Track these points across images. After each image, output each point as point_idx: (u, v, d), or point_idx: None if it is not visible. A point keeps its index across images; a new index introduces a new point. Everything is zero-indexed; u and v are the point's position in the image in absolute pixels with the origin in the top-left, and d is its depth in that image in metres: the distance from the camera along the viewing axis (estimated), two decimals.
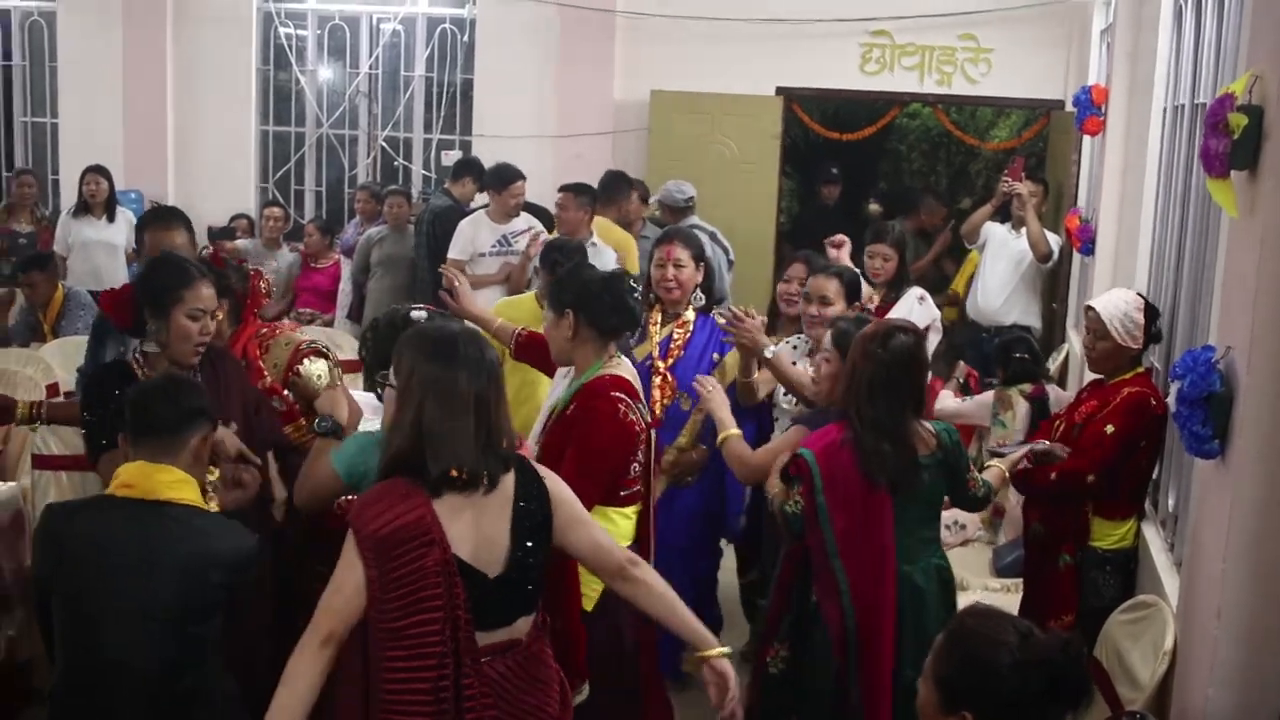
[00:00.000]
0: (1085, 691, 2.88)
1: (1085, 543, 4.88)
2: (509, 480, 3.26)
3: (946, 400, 7.14)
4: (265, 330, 4.99)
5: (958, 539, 6.57)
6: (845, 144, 11.67)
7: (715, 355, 5.66)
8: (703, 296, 5.81)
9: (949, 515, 6.63)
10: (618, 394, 4.33)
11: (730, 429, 4.78)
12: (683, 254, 5.70)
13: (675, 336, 5.66)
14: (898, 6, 10.30)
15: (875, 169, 14.92)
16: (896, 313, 6.35)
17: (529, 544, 3.27)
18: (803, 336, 5.63)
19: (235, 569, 3.57)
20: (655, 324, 5.71)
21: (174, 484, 3.57)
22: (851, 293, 5.45)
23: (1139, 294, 5.21)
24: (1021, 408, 6.70)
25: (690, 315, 5.73)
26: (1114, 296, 5.09)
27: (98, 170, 10.08)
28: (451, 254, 8.31)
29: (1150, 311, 4.98)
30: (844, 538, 4.13)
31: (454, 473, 3.13)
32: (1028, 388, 6.78)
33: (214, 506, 3.87)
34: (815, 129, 11.48)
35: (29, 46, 12.63)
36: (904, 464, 4.17)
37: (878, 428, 4.12)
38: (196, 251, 5.14)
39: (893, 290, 6.57)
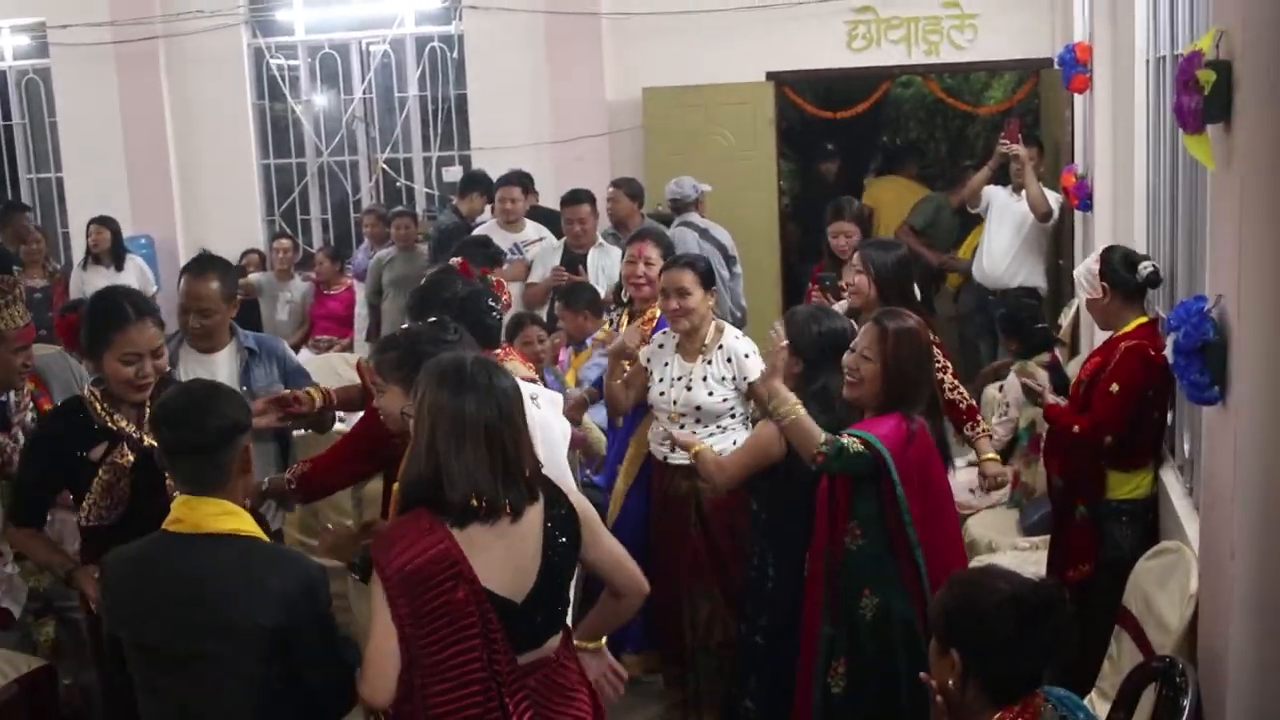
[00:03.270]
0: (1062, 637, 3.04)
1: (1100, 495, 4.98)
2: (536, 507, 3.28)
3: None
4: None
5: (984, 503, 6.65)
6: (841, 122, 11.71)
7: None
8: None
9: (971, 480, 6.73)
10: None
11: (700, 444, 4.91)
12: (652, 252, 6.04)
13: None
14: None
15: (874, 142, 14.96)
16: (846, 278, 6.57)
17: (557, 568, 3.32)
18: (667, 331, 5.62)
19: (296, 603, 3.28)
20: (624, 323, 6.08)
21: (221, 516, 3.35)
22: (707, 281, 5.46)
23: (1109, 247, 5.32)
24: (1041, 377, 6.72)
25: (657, 312, 5.89)
26: (1088, 258, 5.27)
27: (100, 221, 10.29)
28: None
29: (1125, 260, 5.06)
30: (921, 527, 4.23)
31: (474, 501, 3.15)
32: (1045, 357, 6.78)
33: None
34: (809, 110, 11.53)
35: (27, 104, 12.80)
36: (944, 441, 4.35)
37: (932, 414, 4.27)
38: (233, 299, 5.10)
39: None
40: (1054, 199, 8.74)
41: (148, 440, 4.19)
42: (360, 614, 4.67)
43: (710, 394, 5.36)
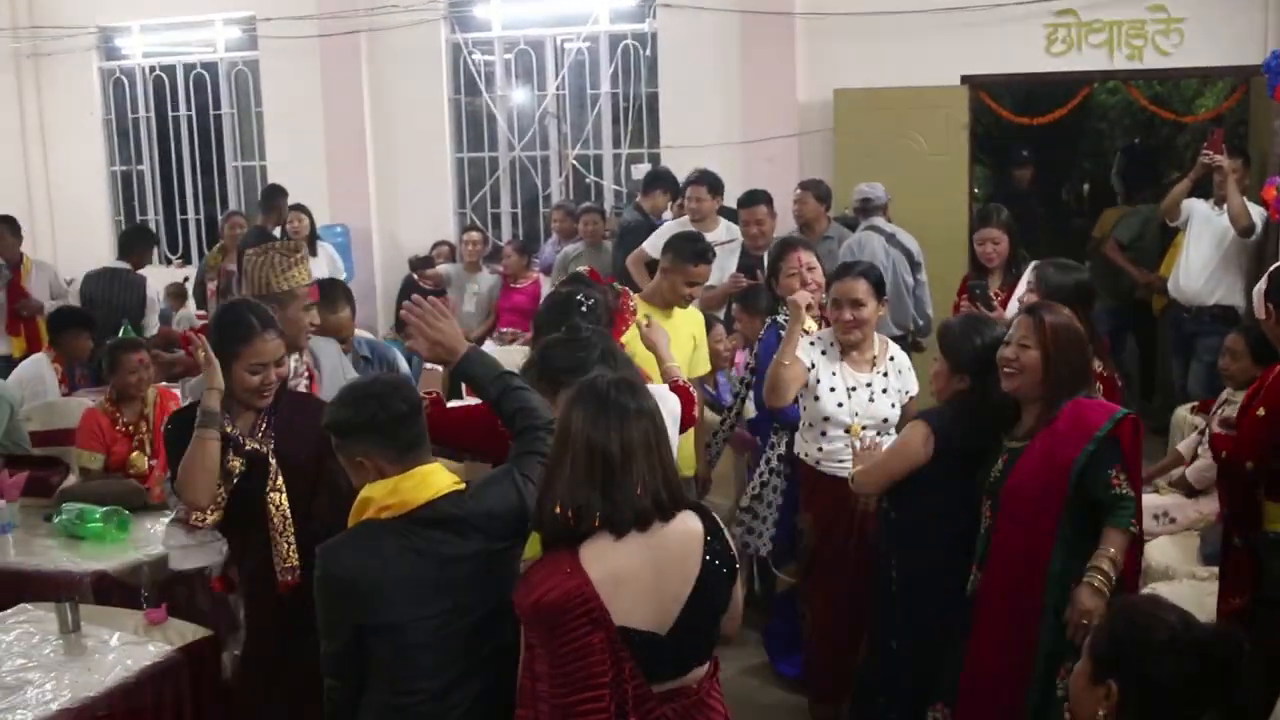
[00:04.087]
0: (1235, 687, 2.83)
1: (1258, 526, 4.69)
2: (695, 538, 3.23)
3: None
4: None
5: (1164, 530, 6.40)
6: (1038, 127, 11.43)
7: None
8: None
9: (1158, 505, 6.49)
10: None
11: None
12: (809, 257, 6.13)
13: None
14: None
15: (1073, 149, 14.58)
16: (1019, 292, 6.37)
17: (711, 601, 3.27)
18: (822, 337, 5.53)
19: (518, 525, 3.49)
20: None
21: (422, 484, 3.42)
22: (880, 291, 5.39)
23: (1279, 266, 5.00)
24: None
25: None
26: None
27: (299, 208, 10.55)
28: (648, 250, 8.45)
29: None
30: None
31: (560, 511, 3.13)
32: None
33: None
34: (1004, 115, 11.26)
35: (236, 95, 13.24)
36: None
37: None
38: (351, 322, 5.49)
39: (1008, 273, 6.62)
40: (1257, 213, 8.38)
41: (252, 445, 4.37)
42: None
43: (893, 405, 5.35)
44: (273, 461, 4.35)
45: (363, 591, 3.30)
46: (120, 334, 7.98)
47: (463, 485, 3.49)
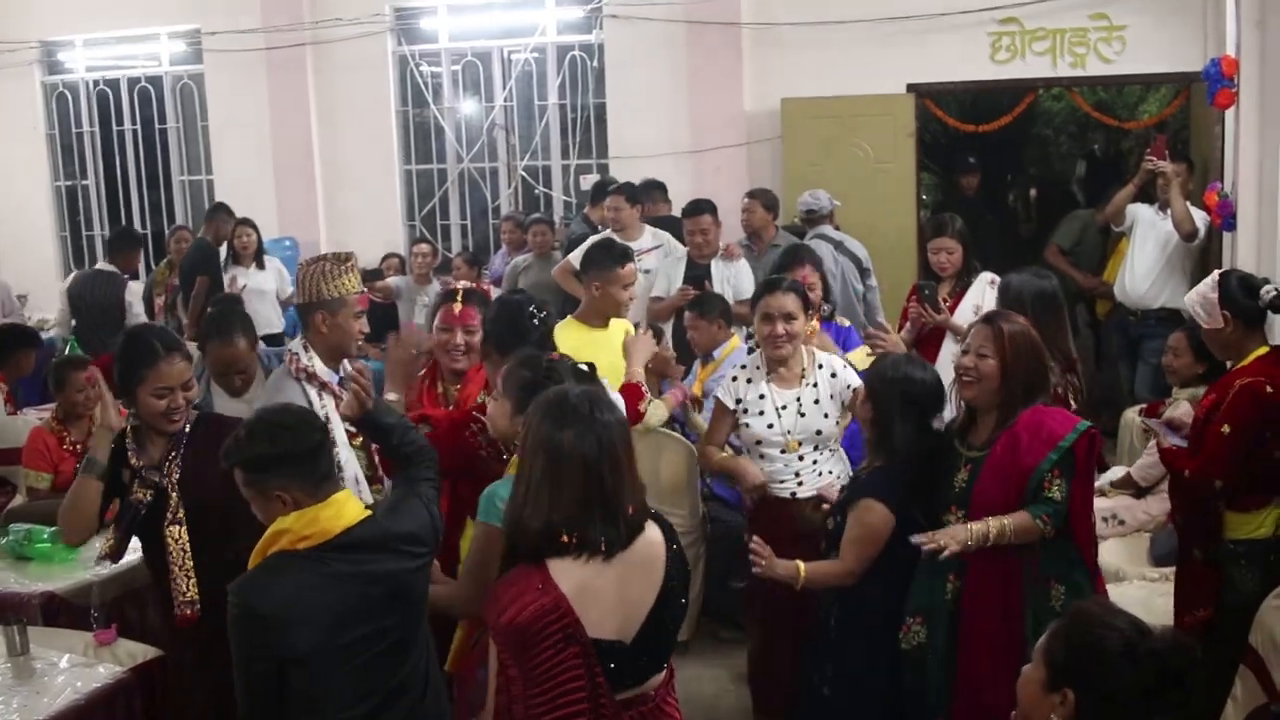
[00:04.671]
0: (1189, 695, 2.85)
1: (1218, 537, 4.74)
2: (658, 547, 3.24)
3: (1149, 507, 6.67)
4: None
5: (1113, 532, 6.46)
6: (984, 134, 11.48)
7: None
8: (828, 306, 5.96)
9: (1106, 508, 6.55)
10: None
11: None
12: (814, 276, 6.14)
13: None
14: None
15: (1019, 156, 14.68)
16: (968, 300, 6.57)
17: (670, 608, 3.28)
18: (745, 365, 5.48)
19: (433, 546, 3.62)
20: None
21: (340, 512, 3.42)
22: (807, 304, 5.36)
23: (1225, 272, 5.04)
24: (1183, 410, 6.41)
25: (815, 325, 5.83)
26: (1201, 284, 4.97)
27: (246, 222, 10.50)
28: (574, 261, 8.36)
29: (1244, 285, 4.80)
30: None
31: (564, 538, 3.11)
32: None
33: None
34: (950, 123, 11.32)
35: (181, 109, 13.15)
36: None
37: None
38: (255, 340, 5.45)
39: (959, 280, 6.68)
40: (1200, 218, 8.46)
41: (153, 478, 4.35)
42: None
43: (826, 415, 5.24)
44: (173, 495, 4.30)
45: (285, 623, 3.24)
46: (68, 351, 7.91)
47: (369, 512, 3.52)
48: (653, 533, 3.26)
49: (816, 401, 5.24)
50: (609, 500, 3.15)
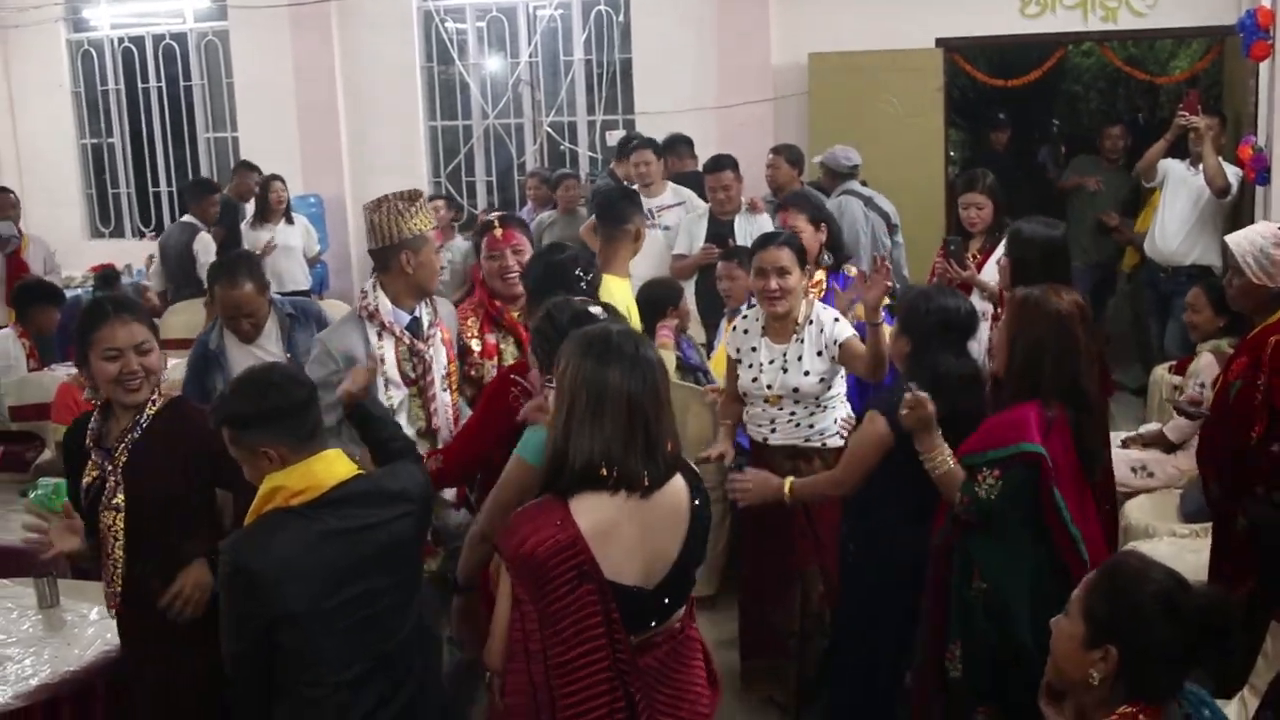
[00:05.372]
0: (1230, 651, 2.82)
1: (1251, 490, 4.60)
2: (682, 491, 3.22)
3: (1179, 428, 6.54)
4: None
5: (1141, 484, 6.42)
6: (1013, 89, 11.39)
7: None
8: (830, 255, 5.94)
9: (1135, 459, 6.50)
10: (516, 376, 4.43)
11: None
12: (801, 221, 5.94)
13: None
14: None
15: (1049, 111, 14.57)
16: (996, 257, 6.35)
17: (695, 554, 3.26)
18: (747, 315, 5.48)
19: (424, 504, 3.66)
20: None
21: (331, 467, 3.46)
22: (803, 259, 5.25)
23: None
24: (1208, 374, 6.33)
25: (820, 275, 5.84)
26: (1252, 230, 4.75)
27: (275, 178, 10.46)
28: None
29: None
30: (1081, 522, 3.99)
31: (603, 471, 3.07)
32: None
33: None
34: (980, 78, 11.22)
35: (206, 66, 13.14)
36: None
37: (1079, 406, 4.04)
38: (266, 286, 5.41)
39: (989, 237, 6.63)
40: (1233, 173, 8.38)
41: (98, 456, 4.11)
42: None
43: (806, 374, 5.16)
44: (111, 478, 4.01)
45: (277, 581, 3.23)
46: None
47: (362, 471, 3.56)
48: (678, 482, 3.23)
49: (800, 358, 5.18)
50: (651, 437, 3.12)
